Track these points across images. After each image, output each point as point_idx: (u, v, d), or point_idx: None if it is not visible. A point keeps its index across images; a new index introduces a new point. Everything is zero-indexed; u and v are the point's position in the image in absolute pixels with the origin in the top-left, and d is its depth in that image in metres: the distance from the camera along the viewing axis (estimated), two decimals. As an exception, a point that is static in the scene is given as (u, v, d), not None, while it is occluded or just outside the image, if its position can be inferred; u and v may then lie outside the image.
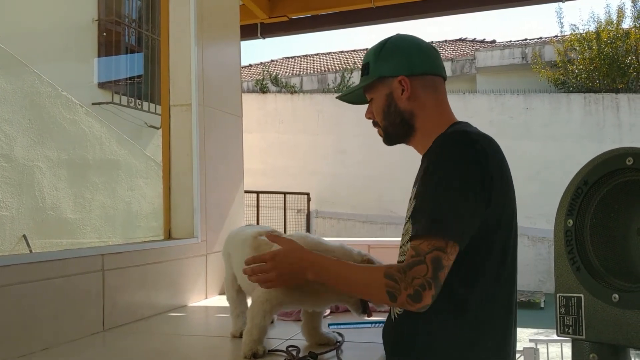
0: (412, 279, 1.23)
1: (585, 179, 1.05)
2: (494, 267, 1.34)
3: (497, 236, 1.33)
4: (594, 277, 1.01)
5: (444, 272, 1.24)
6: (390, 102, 1.48)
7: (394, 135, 1.52)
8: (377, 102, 1.51)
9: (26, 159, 4.74)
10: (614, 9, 18.74)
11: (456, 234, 1.25)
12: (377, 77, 1.48)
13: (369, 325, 1.98)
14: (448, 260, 1.24)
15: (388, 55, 1.48)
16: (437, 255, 1.23)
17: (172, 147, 2.66)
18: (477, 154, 1.29)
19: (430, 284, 1.22)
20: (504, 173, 1.35)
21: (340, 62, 18.45)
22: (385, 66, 1.47)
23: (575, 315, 1.05)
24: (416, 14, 3.97)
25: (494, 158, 1.33)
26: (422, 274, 1.22)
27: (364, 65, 1.52)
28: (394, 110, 1.48)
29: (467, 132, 1.34)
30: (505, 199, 1.35)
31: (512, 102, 12.24)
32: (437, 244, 1.23)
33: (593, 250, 1.03)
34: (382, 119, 1.51)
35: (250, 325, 1.55)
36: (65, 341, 1.82)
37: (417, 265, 1.24)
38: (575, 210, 1.06)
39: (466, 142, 1.31)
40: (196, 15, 2.69)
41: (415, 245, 1.26)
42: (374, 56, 1.50)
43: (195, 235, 2.60)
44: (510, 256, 1.37)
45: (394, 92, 1.47)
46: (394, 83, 1.46)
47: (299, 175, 12.09)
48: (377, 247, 2.86)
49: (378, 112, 1.51)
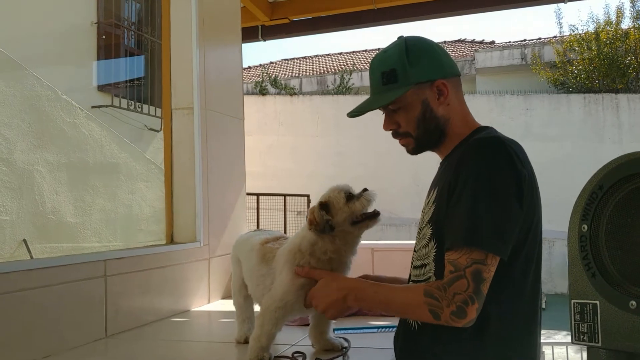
0: (454, 295, 1.19)
1: (601, 183, 1.03)
2: (518, 280, 1.29)
3: (526, 241, 1.29)
4: (610, 284, 0.99)
5: (485, 285, 1.20)
6: (426, 109, 1.38)
7: (427, 144, 1.43)
8: (409, 112, 1.39)
9: (26, 163, 4.71)
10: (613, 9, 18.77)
11: (495, 245, 1.20)
12: (414, 84, 1.37)
13: (375, 330, 1.96)
14: (489, 272, 1.20)
15: (417, 59, 1.38)
16: (477, 268, 1.18)
17: (174, 151, 2.64)
18: (513, 161, 1.24)
19: (473, 299, 1.18)
20: (533, 179, 1.30)
21: (339, 63, 18.44)
22: (420, 71, 1.37)
23: (590, 322, 1.03)
24: (417, 16, 3.96)
25: (527, 164, 1.28)
26: (463, 289, 1.18)
27: (389, 73, 1.38)
28: (429, 117, 1.39)
29: (501, 139, 1.29)
30: (536, 206, 1.31)
31: (511, 103, 12.23)
32: (476, 257, 1.19)
33: (609, 256, 1.01)
34: (416, 127, 1.40)
35: (259, 332, 1.53)
36: (68, 348, 1.80)
37: (457, 281, 1.19)
38: (590, 215, 1.04)
39: (501, 149, 1.25)
40: (197, 18, 2.68)
41: (453, 260, 1.22)
42: (400, 61, 1.37)
43: (197, 240, 2.58)
44: (535, 267, 1.32)
45: (429, 97, 1.38)
46: (429, 88, 1.38)
47: (298, 177, 12.06)
48: (381, 250, 2.83)
49: (410, 120, 1.40)
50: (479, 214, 1.21)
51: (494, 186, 1.22)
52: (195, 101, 2.64)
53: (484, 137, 1.33)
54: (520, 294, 1.30)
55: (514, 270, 1.28)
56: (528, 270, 1.30)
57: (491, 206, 1.21)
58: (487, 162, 1.24)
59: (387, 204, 11.90)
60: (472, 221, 1.21)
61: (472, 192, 1.23)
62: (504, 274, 1.26)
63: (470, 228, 1.21)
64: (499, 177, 1.23)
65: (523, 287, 1.30)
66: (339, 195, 1.47)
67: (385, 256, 2.84)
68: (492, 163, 1.24)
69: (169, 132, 2.65)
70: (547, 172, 11.12)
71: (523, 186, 1.24)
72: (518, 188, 1.23)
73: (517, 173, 1.23)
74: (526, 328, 1.32)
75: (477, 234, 1.20)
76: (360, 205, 1.45)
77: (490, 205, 1.21)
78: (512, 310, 1.28)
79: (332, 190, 1.49)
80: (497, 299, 1.26)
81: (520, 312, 1.30)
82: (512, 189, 1.23)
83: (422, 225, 1.39)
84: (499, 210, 1.21)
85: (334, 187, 1.50)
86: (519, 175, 1.23)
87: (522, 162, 1.27)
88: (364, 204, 1.45)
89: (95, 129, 5.59)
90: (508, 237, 1.22)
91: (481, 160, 1.25)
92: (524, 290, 1.30)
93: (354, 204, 1.46)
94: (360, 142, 11.81)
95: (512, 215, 1.22)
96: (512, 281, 1.28)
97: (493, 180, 1.22)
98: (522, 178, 1.24)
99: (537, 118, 12.01)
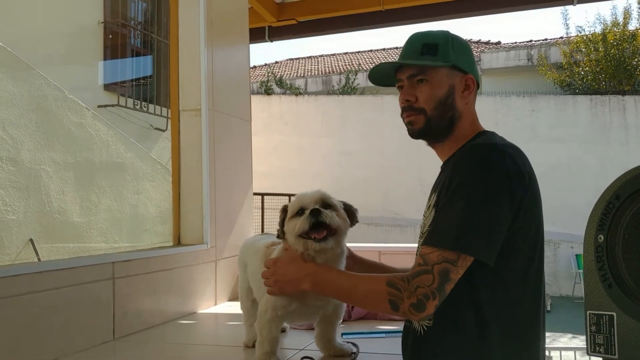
0: (416, 288, 1.21)
1: (618, 193, 1.02)
2: (517, 284, 1.29)
3: (525, 245, 1.29)
4: (627, 295, 0.98)
5: (450, 284, 1.21)
6: (450, 94, 1.39)
7: (435, 129, 1.41)
8: (434, 89, 1.39)
9: (33, 163, 4.72)
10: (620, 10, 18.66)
11: (469, 248, 1.21)
12: (452, 65, 1.38)
13: (383, 335, 1.95)
14: (457, 273, 1.21)
15: (461, 48, 1.41)
16: (445, 267, 1.20)
17: (182, 153, 2.64)
18: (506, 169, 1.25)
19: (435, 294, 1.20)
20: (532, 184, 1.30)
21: (344, 63, 18.41)
22: (461, 58, 1.40)
23: (607, 334, 1.01)
24: (425, 17, 3.95)
25: (524, 170, 1.28)
26: (427, 283, 1.20)
27: (432, 45, 1.38)
28: (449, 104, 1.39)
29: (496, 145, 1.30)
30: (534, 210, 1.30)
31: (517, 104, 12.18)
32: (448, 256, 1.21)
33: (626, 267, 0.99)
34: (434, 107, 1.39)
35: (260, 339, 1.54)
36: (75, 351, 1.80)
37: (423, 275, 1.21)
38: (606, 225, 1.03)
39: (495, 156, 1.26)
40: (206, 19, 2.67)
41: (425, 254, 1.24)
42: (444, 41, 1.40)
43: (204, 242, 2.58)
44: (536, 271, 1.32)
45: (456, 86, 1.40)
46: (460, 78, 1.40)
47: (303, 177, 12.05)
48: (388, 254, 2.83)
49: (431, 98, 1.39)
50: (459, 216, 1.22)
51: (480, 190, 1.23)
52: (203, 103, 2.63)
53: (478, 143, 1.35)
54: (520, 299, 1.29)
55: (512, 275, 1.28)
56: (528, 274, 1.30)
57: (472, 210, 1.22)
58: (477, 166, 1.26)
59: (392, 204, 11.90)
60: (452, 222, 1.23)
61: (457, 195, 1.24)
62: (501, 278, 1.26)
63: (448, 229, 1.23)
64: (487, 182, 1.23)
65: (523, 291, 1.29)
66: (293, 207, 1.45)
67: (392, 259, 2.82)
68: (481, 168, 1.25)
69: (177, 134, 2.65)
70: (553, 173, 11.09)
71: (515, 191, 1.24)
72: (509, 194, 1.23)
73: (508, 178, 1.24)
74: (529, 332, 1.31)
75: (454, 235, 1.21)
76: (298, 225, 1.41)
77: (472, 209, 1.22)
78: (513, 315, 1.28)
79: (299, 196, 1.46)
80: (495, 304, 1.26)
81: (521, 317, 1.29)
82: (500, 194, 1.23)
83: (423, 229, 1.40)
84: (482, 214, 1.22)
85: (303, 195, 1.46)
86: (510, 181, 1.24)
87: (520, 165, 1.27)
88: (299, 227, 1.40)
89: (101, 128, 5.59)
90: (491, 241, 1.22)
91: (471, 164, 1.27)
92: (524, 294, 1.30)
93: (295, 220, 1.43)
94: (366, 143, 11.78)
95: (496, 220, 1.22)
96: (511, 285, 1.28)
97: (480, 185, 1.23)
98: (513, 183, 1.24)
99: (543, 119, 11.95)
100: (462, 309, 1.27)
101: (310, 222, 1.40)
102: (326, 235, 1.41)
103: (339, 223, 1.43)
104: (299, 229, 1.41)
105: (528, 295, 1.30)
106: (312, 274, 1.40)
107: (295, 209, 1.44)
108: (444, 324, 1.28)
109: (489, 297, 1.26)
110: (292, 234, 1.43)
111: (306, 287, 1.40)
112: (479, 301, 1.26)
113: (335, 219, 1.42)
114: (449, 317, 1.27)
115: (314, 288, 1.40)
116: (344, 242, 1.51)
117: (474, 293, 1.26)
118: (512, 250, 1.26)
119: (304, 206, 1.43)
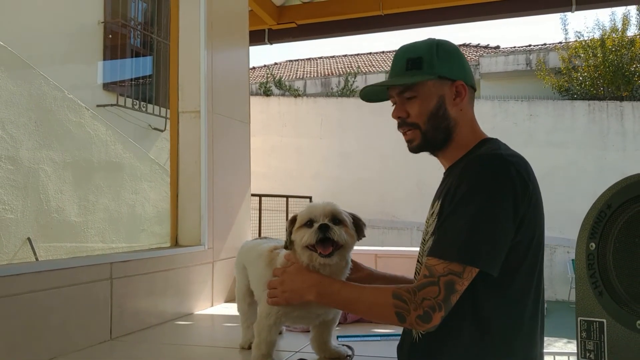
0: (422, 300, 1.21)
1: (609, 202, 1.03)
2: (520, 289, 1.30)
3: (527, 258, 1.29)
4: (617, 303, 0.99)
5: (455, 296, 1.22)
6: (440, 105, 1.38)
7: (432, 141, 1.41)
8: (423, 103, 1.38)
9: (32, 162, 4.73)
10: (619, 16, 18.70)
11: (474, 260, 1.21)
12: (437, 76, 1.37)
13: (378, 338, 1.97)
14: (462, 285, 1.22)
15: (446, 56, 1.39)
16: (451, 279, 1.21)
17: (180, 154, 2.65)
18: (512, 180, 1.24)
19: (440, 306, 1.20)
20: (536, 193, 1.31)
21: (343, 66, 18.44)
22: (446, 67, 1.38)
23: (597, 340, 1.03)
24: (424, 22, 3.96)
25: (528, 181, 1.28)
26: (432, 295, 1.20)
27: (415, 59, 1.38)
28: (442, 115, 1.38)
29: (502, 155, 1.29)
30: (537, 220, 1.31)
31: (515, 109, 12.21)
32: (453, 268, 1.21)
33: (616, 275, 1.01)
34: (426, 121, 1.39)
35: (258, 340, 1.56)
36: (73, 350, 1.81)
37: (429, 287, 1.22)
38: (598, 233, 1.04)
39: (500, 167, 1.26)
40: (206, 21, 2.69)
41: (431, 265, 1.24)
42: (428, 52, 1.38)
43: (202, 243, 2.59)
44: (537, 276, 1.32)
45: (446, 95, 1.39)
46: (449, 86, 1.38)
47: (301, 179, 12.06)
48: (385, 257, 2.84)
49: (422, 113, 1.39)
50: (465, 227, 1.22)
51: (485, 201, 1.23)
52: (202, 105, 2.65)
53: (484, 154, 1.34)
54: (522, 310, 1.30)
55: (515, 286, 1.28)
56: (529, 286, 1.31)
57: (478, 221, 1.22)
58: (482, 177, 1.25)
59: (390, 206, 11.91)
60: (457, 233, 1.23)
61: (462, 205, 1.24)
62: (502, 287, 1.27)
63: (454, 240, 1.23)
64: (492, 193, 1.23)
65: (524, 302, 1.30)
66: (303, 217, 1.45)
67: (388, 262, 2.84)
68: (487, 179, 1.25)
69: (176, 136, 2.66)
70: (550, 178, 11.12)
71: (519, 204, 1.24)
72: (513, 206, 1.23)
73: (513, 190, 1.24)
74: (528, 341, 1.32)
75: (459, 247, 1.21)
76: (306, 237, 1.40)
77: (477, 220, 1.22)
78: (513, 325, 1.28)
79: (309, 207, 1.46)
80: (497, 314, 1.27)
81: (521, 327, 1.30)
82: (505, 206, 1.23)
83: (425, 236, 1.40)
84: (487, 225, 1.22)
85: (313, 206, 1.45)
86: (515, 193, 1.24)
87: (525, 177, 1.27)
88: (306, 239, 1.40)
89: (100, 128, 5.60)
90: (496, 252, 1.22)
91: (476, 175, 1.26)
92: (526, 305, 1.30)
93: (303, 231, 1.42)
94: (364, 145, 11.79)
95: (501, 231, 1.23)
96: (511, 294, 1.28)
97: (485, 196, 1.23)
98: (518, 196, 1.24)
99: (541, 124, 11.98)
100: (460, 317, 1.27)
101: (317, 236, 1.39)
102: (332, 251, 1.41)
103: (346, 239, 1.43)
104: (306, 240, 1.41)
105: (528, 304, 1.31)
106: (317, 284, 1.41)
107: (304, 219, 1.44)
108: (441, 331, 1.29)
109: (488, 305, 1.26)
110: (299, 244, 1.43)
111: (311, 297, 1.41)
112: (477, 309, 1.27)
113: (343, 236, 1.42)
114: (447, 325, 1.27)
115: (318, 299, 1.41)
116: (349, 255, 1.50)
117: (474, 301, 1.27)
118: (513, 260, 1.26)
119: (313, 218, 1.43)
